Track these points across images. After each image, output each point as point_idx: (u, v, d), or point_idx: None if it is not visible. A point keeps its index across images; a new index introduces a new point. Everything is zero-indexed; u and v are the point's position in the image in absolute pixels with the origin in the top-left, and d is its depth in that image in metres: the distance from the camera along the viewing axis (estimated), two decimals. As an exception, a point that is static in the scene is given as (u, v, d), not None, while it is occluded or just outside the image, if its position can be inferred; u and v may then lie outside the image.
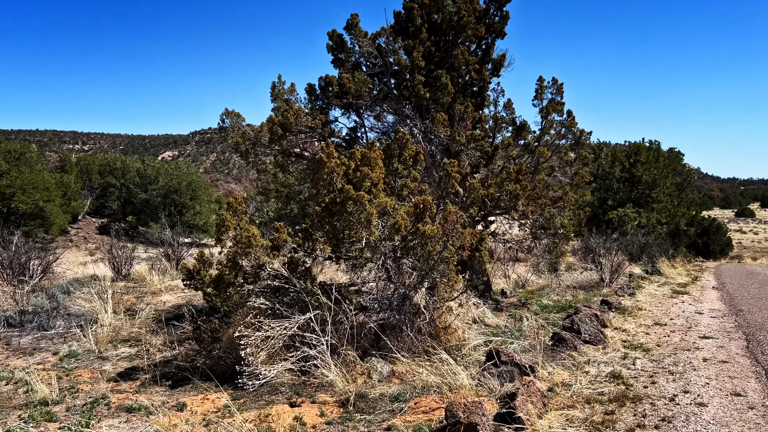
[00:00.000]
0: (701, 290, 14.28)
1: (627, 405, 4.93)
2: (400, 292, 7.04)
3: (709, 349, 7.16)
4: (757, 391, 5.35)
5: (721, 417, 4.64)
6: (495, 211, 10.50)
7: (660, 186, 26.73)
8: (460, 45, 8.90)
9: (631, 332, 8.19)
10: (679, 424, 4.46)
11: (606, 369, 6.06)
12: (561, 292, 12.57)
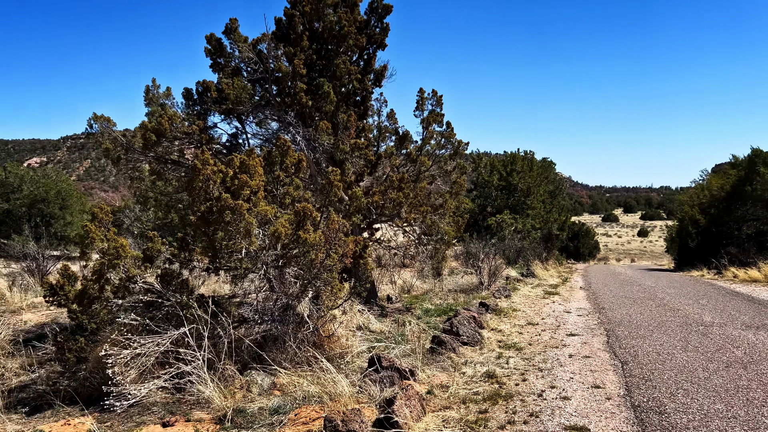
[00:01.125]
0: (570, 290, 15.35)
1: (500, 403, 5.17)
2: (283, 302, 6.93)
3: (574, 345, 7.70)
4: (614, 382, 5.82)
5: (582, 409, 4.99)
6: (380, 219, 10.66)
7: (534, 193, 28.47)
8: (342, 54, 8.97)
9: (506, 332, 8.62)
10: (545, 418, 4.74)
11: (482, 369, 6.33)
12: (444, 295, 12.98)
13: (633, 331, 8.61)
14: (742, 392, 5.29)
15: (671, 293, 14.21)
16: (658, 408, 4.89)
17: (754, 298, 13.15)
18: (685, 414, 4.72)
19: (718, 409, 4.81)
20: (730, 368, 6.20)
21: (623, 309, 11.08)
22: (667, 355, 6.87)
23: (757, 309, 11.04)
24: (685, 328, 8.76)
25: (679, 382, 5.67)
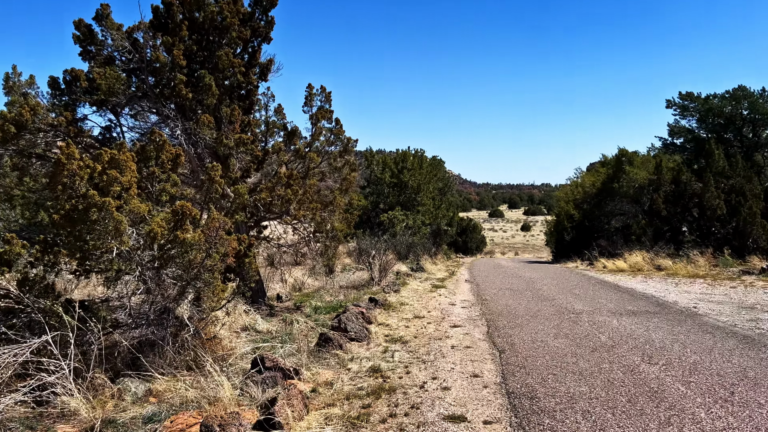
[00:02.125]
0: (456, 284, 15.91)
1: (383, 397, 5.23)
2: (161, 304, 6.60)
3: (457, 336, 7.97)
4: (492, 371, 6.08)
5: (461, 398, 5.16)
6: (269, 216, 10.46)
7: (424, 190, 29.21)
8: (225, 46, 8.67)
9: (393, 326, 8.76)
10: (425, 409, 4.85)
11: (367, 364, 6.37)
12: (335, 293, 12.98)
13: (511, 320, 9.07)
14: (605, 374, 5.72)
15: (548, 284, 15.13)
16: (530, 393, 5.17)
17: (619, 286, 14.31)
18: (554, 398, 5.02)
19: (583, 391, 5.16)
20: (596, 352, 6.69)
21: (504, 300, 11.65)
22: (541, 343, 7.29)
23: (621, 297, 12.02)
24: (559, 317, 9.34)
25: (550, 368, 6.03)
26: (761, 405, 4.68)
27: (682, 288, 13.70)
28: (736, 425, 4.23)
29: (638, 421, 4.36)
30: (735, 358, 6.33)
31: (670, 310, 10.02)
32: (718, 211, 24.46)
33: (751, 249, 23.62)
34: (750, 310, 9.89)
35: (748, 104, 31.97)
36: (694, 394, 5.01)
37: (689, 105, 33.60)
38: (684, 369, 5.87)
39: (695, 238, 24.75)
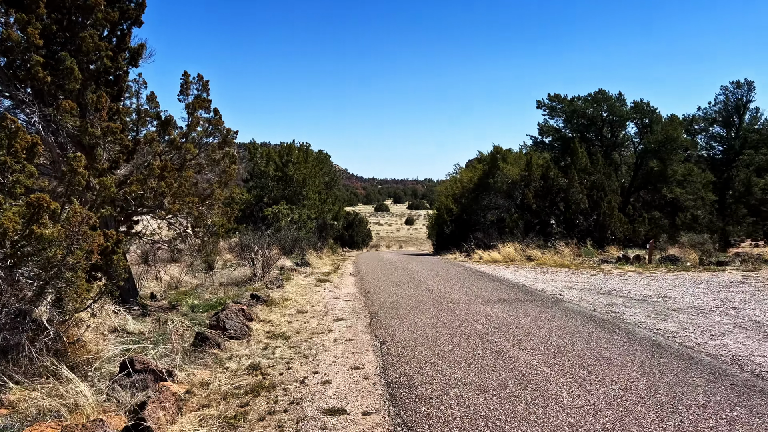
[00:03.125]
0: (341, 277, 15.97)
1: (262, 394, 5.12)
2: (15, 307, 6.01)
3: (339, 330, 7.99)
4: (373, 362, 6.16)
5: (341, 391, 5.18)
6: (140, 210, 9.86)
7: (310, 184, 29.02)
8: (90, 28, 8.03)
9: (275, 323, 8.61)
10: (305, 404, 4.81)
11: (247, 362, 6.21)
12: (215, 290, 12.54)
13: (393, 312, 9.25)
14: (478, 360, 5.99)
15: (428, 276, 15.62)
16: (408, 382, 5.30)
17: (493, 276, 15.07)
18: (431, 385, 5.18)
19: (458, 378, 5.37)
20: (470, 340, 6.99)
21: (387, 292, 11.86)
22: (420, 333, 7.50)
23: (495, 286, 12.67)
24: (437, 307, 9.67)
25: (428, 357, 6.22)
26: (614, 382, 5.12)
27: (549, 277, 14.69)
28: (593, 402, 4.60)
29: (507, 404, 4.60)
30: (593, 340, 6.88)
31: (539, 297, 10.71)
32: (582, 205, 26.49)
33: (610, 240, 25.85)
34: (607, 295, 10.81)
35: (608, 107, 34.91)
36: (557, 375, 5.38)
37: (557, 106, 36.07)
38: (549, 352, 6.29)
39: (562, 230, 26.64)
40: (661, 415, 4.26)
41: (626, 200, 33.72)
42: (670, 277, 13.68)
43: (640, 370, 5.51)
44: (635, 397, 4.67)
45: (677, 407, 4.42)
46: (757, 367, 5.56)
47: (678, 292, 10.90)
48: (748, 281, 12.47)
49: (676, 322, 7.91)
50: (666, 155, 33.98)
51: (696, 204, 34.63)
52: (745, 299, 9.82)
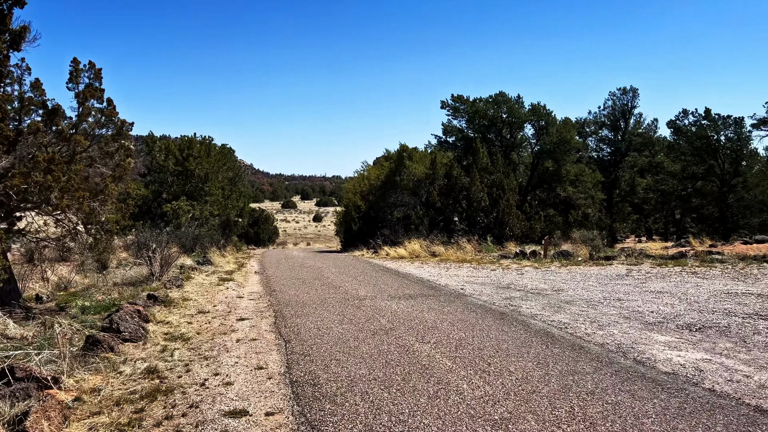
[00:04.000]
0: (246, 276, 15.61)
1: (159, 399, 4.88)
2: None
3: (243, 330, 7.80)
4: (277, 361, 6.05)
5: (244, 392, 5.04)
6: (24, 206, 9.12)
7: (213, 179, 28.11)
8: (-37, 5, 7.32)
9: (174, 324, 8.26)
10: (205, 407, 4.65)
11: (143, 365, 5.91)
12: (108, 290, 11.84)
13: (299, 310, 9.15)
14: (383, 356, 6.05)
15: (335, 272, 15.60)
16: (313, 380, 5.26)
17: (399, 272, 15.31)
18: (336, 382, 5.16)
19: (363, 374, 5.40)
20: (376, 335, 7.05)
21: (292, 290, 11.72)
22: (326, 330, 7.47)
23: (401, 282, 12.87)
24: (344, 303, 9.67)
25: (333, 354, 6.20)
26: (512, 373, 5.35)
27: (452, 272, 15.12)
28: (492, 392, 4.77)
29: (411, 397, 4.68)
30: (493, 332, 7.15)
31: (442, 292, 11.00)
32: (483, 202, 27.47)
33: (509, 236, 27.00)
34: (506, 289, 11.28)
35: (507, 108, 36.42)
36: (458, 368, 5.54)
37: (460, 107, 37.20)
38: (451, 346, 6.47)
39: (464, 227, 27.50)
40: (554, 402, 4.49)
41: (524, 198, 35.36)
42: (563, 272, 14.49)
43: (535, 360, 5.79)
44: (531, 387, 4.90)
45: (568, 394, 4.68)
46: (638, 354, 6.00)
47: (570, 286, 11.56)
48: (632, 274, 13.45)
49: (568, 314, 8.38)
50: (560, 156, 35.93)
51: (587, 202, 36.92)
52: (628, 291, 10.58)
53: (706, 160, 35.59)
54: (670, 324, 7.52)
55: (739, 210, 34.89)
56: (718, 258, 16.11)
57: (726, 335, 6.81)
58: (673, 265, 15.12)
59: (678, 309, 8.60)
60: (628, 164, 44.53)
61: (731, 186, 34.99)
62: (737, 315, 8.02)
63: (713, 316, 8.00)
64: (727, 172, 35.21)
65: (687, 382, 5.01)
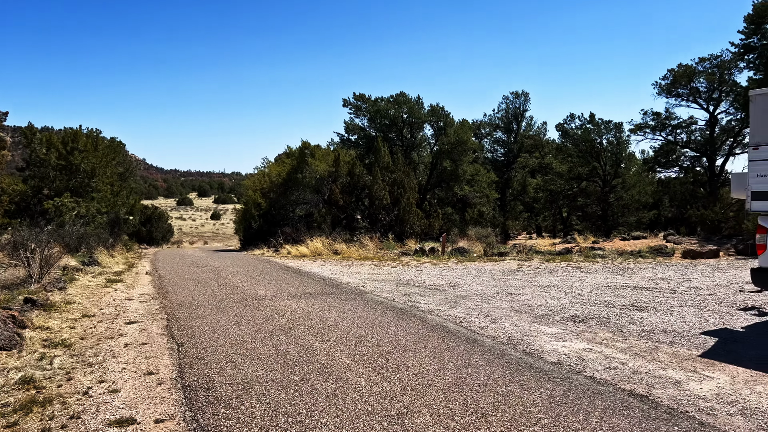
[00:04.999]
0: (136, 276, 14.83)
1: (35, 411, 4.51)
2: None
3: (132, 334, 7.39)
4: (169, 366, 5.79)
5: (131, 399, 4.78)
6: None
7: (100, 175, 26.46)
8: None
9: (55, 329, 7.68)
10: (88, 417, 4.35)
11: (17, 375, 5.44)
12: (-22, 295, 10.80)
13: (194, 311, 8.81)
14: (281, 356, 5.96)
15: (233, 272, 15.19)
16: (207, 384, 5.07)
17: (301, 271, 15.17)
18: (231, 385, 5.02)
19: (260, 375, 5.28)
20: (275, 336, 6.93)
21: (187, 291, 11.27)
22: (222, 332, 7.25)
23: (302, 280, 12.75)
24: (242, 304, 9.43)
25: (230, 356, 6.03)
26: (409, 368, 5.44)
27: (354, 270, 15.20)
28: (389, 388, 4.83)
29: (309, 398, 4.64)
30: (392, 329, 7.25)
31: (343, 290, 11.01)
32: (384, 201, 27.83)
33: (409, 233, 27.53)
34: (405, 286, 11.49)
35: (408, 109, 37.11)
36: (357, 365, 5.56)
37: (362, 105, 37.45)
38: (351, 343, 6.49)
39: (366, 225, 27.74)
40: (449, 395, 4.62)
41: (423, 197, 36.21)
42: (459, 268, 14.98)
43: (432, 354, 5.94)
44: (427, 381, 5.01)
45: (462, 387, 4.83)
46: (527, 346, 6.32)
47: (466, 281, 11.98)
48: (523, 270, 14.15)
49: (464, 309, 8.67)
50: (458, 156, 37.12)
51: (482, 201, 38.41)
52: (519, 286, 11.12)
53: (590, 161, 38.13)
54: (557, 316, 7.99)
55: (619, 209, 37.72)
56: (599, 253, 17.33)
57: (605, 326, 7.32)
58: (560, 261, 16.07)
59: (564, 302, 9.15)
60: (519, 165, 46.86)
61: (612, 186, 37.75)
62: (615, 306, 8.66)
63: (595, 308, 8.59)
64: (608, 174, 37.94)
65: (570, 370, 5.34)
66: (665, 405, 4.37)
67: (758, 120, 7.19)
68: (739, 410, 4.25)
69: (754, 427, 3.94)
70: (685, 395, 4.59)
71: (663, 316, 7.88)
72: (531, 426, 3.97)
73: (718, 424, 3.98)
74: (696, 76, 34.40)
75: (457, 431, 3.91)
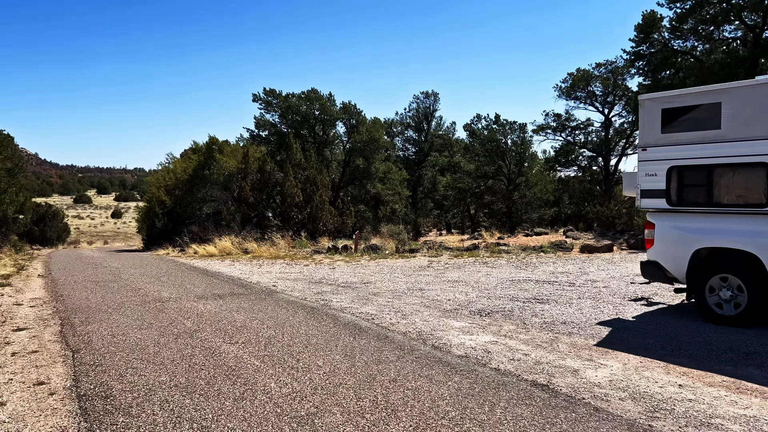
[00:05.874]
0: (27, 279, 13.80)
1: None
2: None
3: (20, 341, 6.85)
4: (62, 375, 5.41)
5: (19, 412, 4.42)
6: None
7: (-15, 170, 24.38)
8: None
9: (-71, 340, 6.98)
10: (-34, 436, 3.98)
11: None
12: None
13: (91, 316, 8.30)
14: (186, 360, 5.73)
15: (135, 273, 14.47)
16: (105, 393, 4.79)
17: (208, 271, 14.70)
18: (131, 393, 4.76)
19: (163, 381, 5.05)
20: (179, 339, 6.65)
21: (84, 294, 10.61)
22: (122, 336, 6.87)
23: (209, 281, 12.35)
24: (144, 307, 9.00)
25: (130, 362, 5.72)
26: (320, 367, 5.40)
27: (264, 269, 14.91)
28: (300, 389, 4.76)
29: (215, 402, 4.48)
30: (303, 328, 7.17)
31: (253, 290, 10.77)
32: (297, 198, 27.53)
33: (322, 231, 27.41)
34: (317, 284, 11.41)
35: (320, 106, 36.91)
36: (267, 366, 5.45)
37: (272, 101, 36.83)
38: (260, 344, 6.35)
39: (278, 223, 27.33)
40: (359, 393, 4.63)
41: (336, 194, 36.16)
42: (372, 264, 15.08)
43: (343, 352, 5.92)
44: (338, 379, 4.99)
45: (373, 384, 4.85)
46: (436, 340, 6.45)
47: (378, 278, 12.07)
48: (433, 266, 14.45)
49: (376, 305, 8.73)
50: (370, 154, 37.37)
51: (394, 198, 38.89)
52: (429, 281, 11.34)
53: (496, 160, 39.54)
54: (464, 311, 8.21)
55: (522, 206, 39.38)
56: (505, 249, 18.01)
57: (510, 318, 7.61)
58: (468, 257, 16.56)
59: (471, 296, 9.42)
60: (430, 163, 47.88)
61: (516, 184, 39.35)
62: (519, 300, 9.02)
63: (500, 301, 8.91)
64: (513, 172, 39.51)
65: (477, 363, 5.49)
66: (564, 393, 4.59)
67: (647, 123, 7.72)
68: (629, 395, 4.54)
69: (642, 410, 4.22)
70: (582, 383, 4.85)
71: (563, 308, 8.30)
72: (439, 419, 4.05)
73: (611, 409, 4.23)
74: (593, 81, 36.59)
75: (368, 429, 3.92)
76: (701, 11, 25.13)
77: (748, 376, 4.99)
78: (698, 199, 7.26)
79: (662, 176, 7.50)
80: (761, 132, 6.58)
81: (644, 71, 28.55)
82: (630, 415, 4.12)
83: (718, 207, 7.03)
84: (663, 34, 27.26)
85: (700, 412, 4.16)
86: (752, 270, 6.67)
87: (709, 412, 4.16)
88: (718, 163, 7.00)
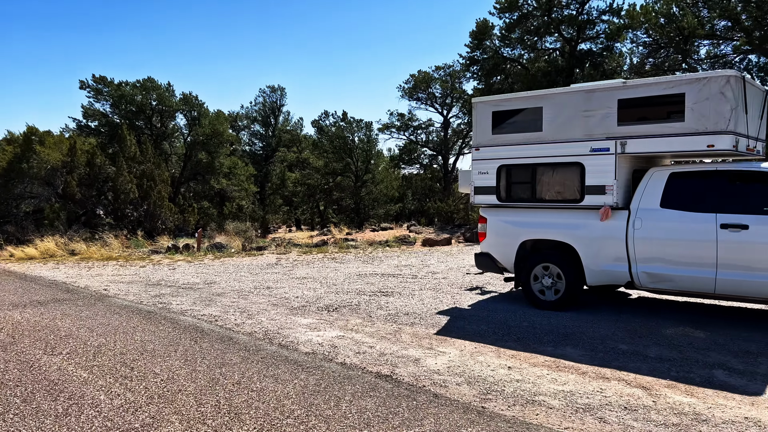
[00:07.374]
0: None
1: None
2: None
3: None
4: None
5: None
6: None
7: None
8: None
9: None
10: None
11: None
12: None
13: None
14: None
15: (-65, 281, 12.54)
16: None
17: (27, 275, 13.18)
18: (-76, 420, 4.10)
19: (-33, 403, 4.42)
20: (-11, 354, 5.87)
21: None
22: None
23: (28, 287, 11.07)
24: (-56, 319, 7.82)
25: (-76, 384, 4.93)
26: (157, 374, 5.06)
27: (95, 271, 13.71)
28: (134, 399, 4.43)
29: (33, 421, 4.01)
30: (138, 334, 6.69)
31: (81, 295, 9.85)
32: (132, 194, 25.67)
33: (161, 230, 25.85)
34: (155, 286, 10.73)
35: (157, 96, 34.73)
36: (96, 377, 5.00)
37: (103, 89, 33.97)
38: (88, 354, 5.81)
39: (111, 221, 25.30)
40: (200, 399, 4.41)
41: (177, 190, 34.32)
42: (216, 264, 14.52)
43: (183, 357, 5.62)
44: (177, 386, 4.72)
45: (215, 388, 4.66)
46: (283, 338, 6.36)
47: (223, 278, 11.64)
48: (281, 263, 14.28)
49: (219, 306, 8.40)
50: (213, 148, 35.97)
51: (241, 194, 37.83)
52: (277, 279, 11.18)
53: (344, 157, 40.12)
54: (312, 307, 8.20)
55: (370, 202, 40.40)
56: (353, 244, 18.34)
57: (356, 312, 7.74)
58: (317, 252, 16.59)
59: (319, 292, 9.44)
60: (278, 159, 47.24)
61: (363, 181, 40.25)
62: (366, 293, 9.22)
63: (347, 296, 9.03)
64: (360, 169, 40.36)
65: (324, 359, 5.51)
66: (406, 382, 4.77)
67: (479, 125, 8.27)
68: (465, 380, 4.83)
69: (477, 393, 4.51)
70: (423, 371, 5.07)
71: (406, 299, 8.63)
72: (284, 419, 4.00)
73: (449, 394, 4.47)
74: (433, 83, 38.49)
75: (209, 435, 3.75)
76: (526, 22, 27.54)
77: (566, 354, 5.56)
78: (524, 195, 7.92)
79: (493, 174, 8.09)
80: (576, 134, 7.35)
81: (478, 75, 30.64)
82: (466, 399, 4.38)
83: (541, 202, 7.74)
84: (494, 41, 29.45)
85: (526, 391, 4.55)
86: (569, 259, 7.43)
87: (533, 390, 4.56)
88: (540, 162, 7.70)
